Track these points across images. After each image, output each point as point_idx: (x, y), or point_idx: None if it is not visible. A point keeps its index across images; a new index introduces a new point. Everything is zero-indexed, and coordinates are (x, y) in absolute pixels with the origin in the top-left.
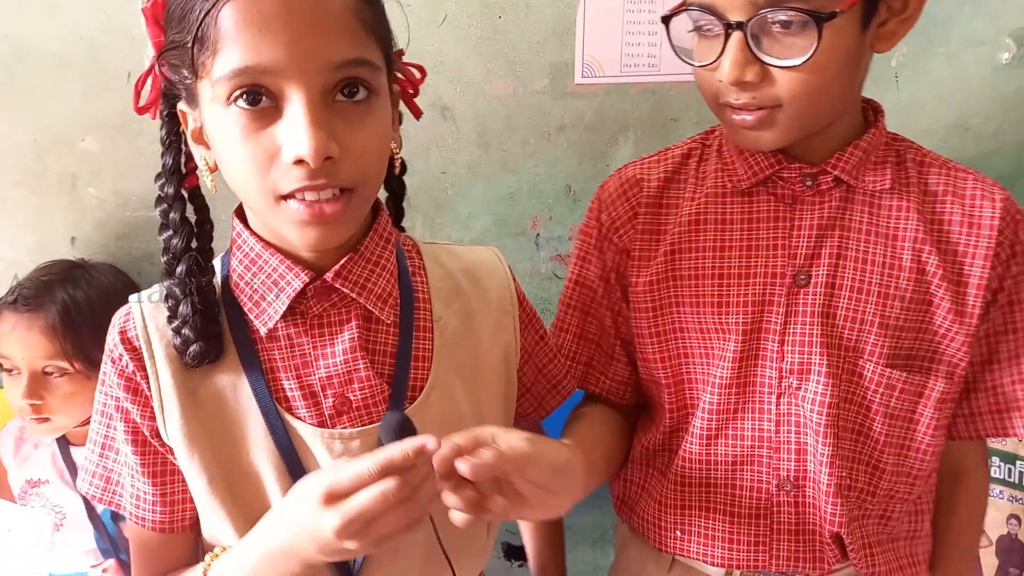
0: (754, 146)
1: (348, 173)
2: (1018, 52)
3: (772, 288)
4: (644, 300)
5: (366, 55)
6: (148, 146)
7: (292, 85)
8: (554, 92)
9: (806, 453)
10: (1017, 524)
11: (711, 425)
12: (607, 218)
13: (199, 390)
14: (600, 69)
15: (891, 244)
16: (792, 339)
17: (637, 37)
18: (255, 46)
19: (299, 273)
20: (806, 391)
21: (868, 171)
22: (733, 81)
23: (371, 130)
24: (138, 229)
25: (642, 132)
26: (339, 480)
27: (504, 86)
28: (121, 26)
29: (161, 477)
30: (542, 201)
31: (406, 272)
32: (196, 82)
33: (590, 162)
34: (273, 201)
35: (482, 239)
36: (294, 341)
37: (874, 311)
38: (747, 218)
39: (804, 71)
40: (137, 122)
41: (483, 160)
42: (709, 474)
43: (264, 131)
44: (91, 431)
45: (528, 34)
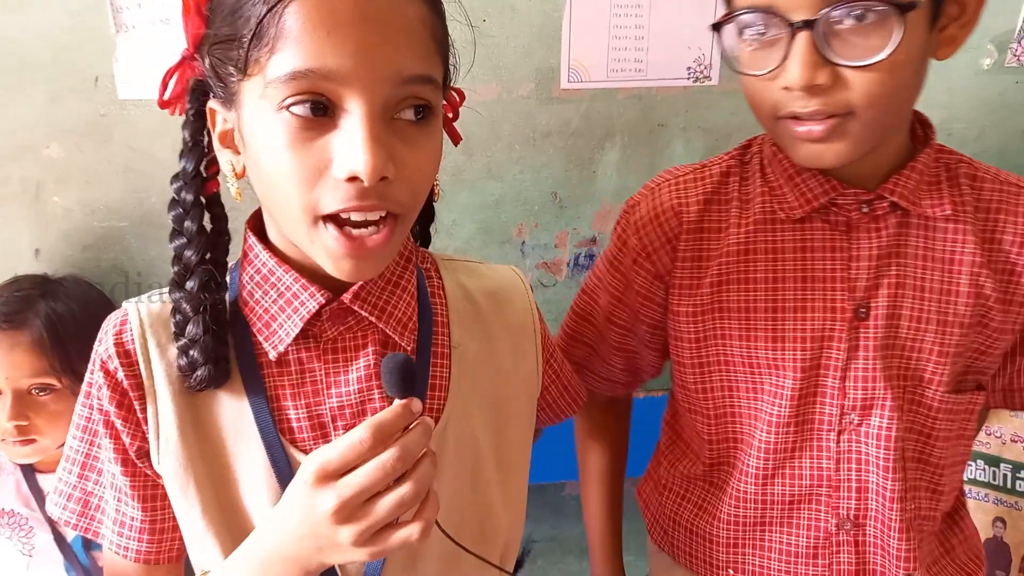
0: (817, 162)
1: (400, 196)
2: (999, 58)
3: (832, 323)
4: (687, 330)
5: (432, 72)
6: (117, 153)
7: (354, 95)
8: (539, 97)
9: (868, 491)
10: (1003, 527)
11: (767, 464)
12: (638, 243)
13: (198, 415)
14: (586, 74)
15: (948, 269)
16: (854, 375)
17: (624, 42)
18: (320, 49)
19: (315, 293)
20: (869, 427)
21: (924, 194)
22: (804, 85)
23: (427, 153)
24: (106, 240)
25: (629, 138)
26: (330, 456)
27: (489, 91)
28: (89, 27)
29: (151, 502)
30: (528, 208)
31: (425, 293)
32: (242, 80)
33: (576, 168)
34: (311, 221)
35: (467, 247)
36: (305, 367)
37: (933, 339)
38: (800, 247)
39: (881, 71)
40: (105, 128)
41: (467, 167)
42: (764, 513)
43: (315, 142)
44: (68, 448)
45: (513, 38)
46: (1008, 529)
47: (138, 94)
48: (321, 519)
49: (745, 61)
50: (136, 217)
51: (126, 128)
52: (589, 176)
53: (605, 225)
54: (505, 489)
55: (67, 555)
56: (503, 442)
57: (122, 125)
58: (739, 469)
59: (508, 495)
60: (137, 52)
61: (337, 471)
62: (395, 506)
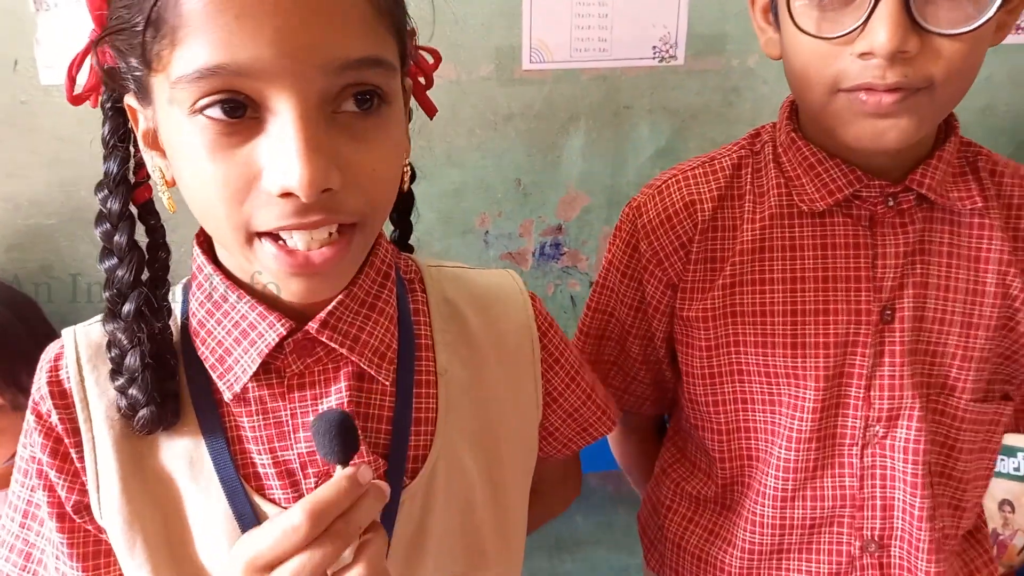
0: (879, 142)
1: (353, 206)
2: None
3: (857, 327)
4: (696, 337)
5: (379, 52)
6: (42, 143)
7: (279, 92)
8: (500, 79)
9: (894, 509)
10: None
11: (787, 485)
12: (648, 249)
13: (145, 460)
14: (549, 54)
15: (974, 268)
16: (880, 383)
17: (587, 20)
18: (228, 39)
19: (274, 323)
20: (894, 439)
21: (951, 187)
22: (893, 51)
23: (383, 149)
24: (33, 238)
25: (594, 121)
26: (260, 547)
27: (446, 72)
28: (4, 6)
29: (94, 560)
30: (490, 196)
31: (407, 313)
32: (150, 75)
33: (540, 153)
34: (244, 239)
35: (426, 239)
36: (268, 406)
37: (957, 343)
38: (821, 244)
39: (966, 43)
40: (27, 116)
41: (425, 153)
42: (783, 539)
43: (240, 149)
44: (11, 492)
45: (472, 16)
46: None
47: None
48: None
49: (811, 22)
50: (65, 213)
51: (51, 116)
52: (553, 161)
53: (570, 212)
54: (501, 531)
55: None
56: (497, 479)
57: (46, 113)
58: (755, 490)
59: (504, 538)
60: (60, 33)
61: (269, 564)
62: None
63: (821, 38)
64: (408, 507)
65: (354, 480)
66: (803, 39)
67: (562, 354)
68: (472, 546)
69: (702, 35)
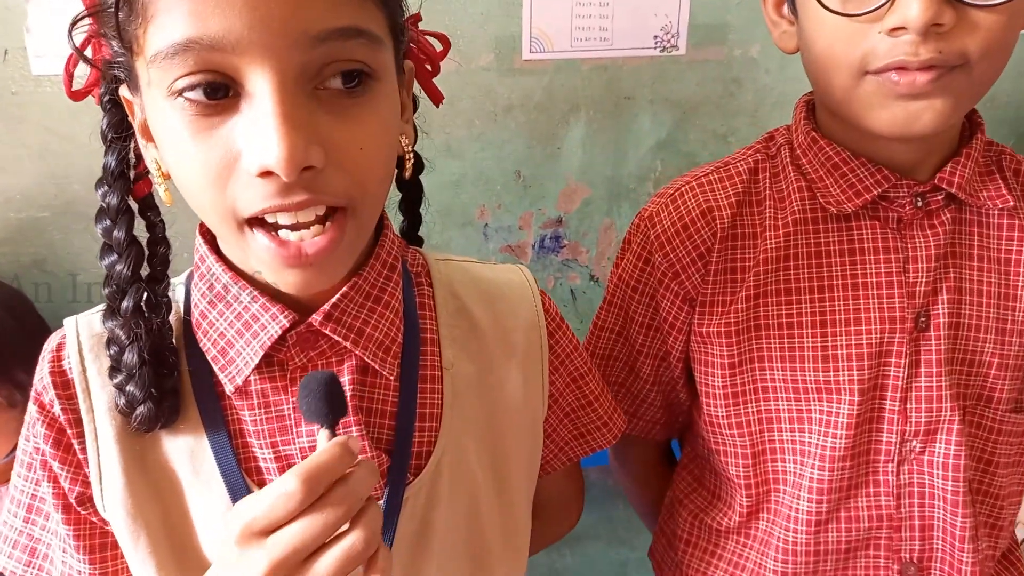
0: (910, 127)
1: (339, 186)
2: None
3: (891, 336)
4: (716, 354)
5: (362, 23)
6: (33, 135)
7: (255, 66)
8: (500, 69)
9: (933, 529)
10: None
11: (820, 508)
12: (663, 261)
13: (148, 453)
14: (549, 43)
15: (1005, 271)
16: (916, 395)
17: (588, 8)
18: (200, 11)
19: (277, 315)
20: (932, 454)
21: (980, 186)
22: (927, 23)
23: (372, 128)
24: (25, 232)
25: (595, 111)
26: (255, 511)
27: (445, 62)
28: None
29: (100, 552)
30: (490, 188)
31: (413, 307)
32: (132, 59)
33: (540, 144)
34: (235, 227)
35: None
36: (270, 400)
37: (993, 350)
38: (848, 249)
39: (1003, 15)
40: (17, 107)
41: (424, 144)
42: (817, 567)
43: (218, 130)
44: (13, 487)
45: (471, 4)
46: None
47: (54, 69)
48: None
49: (835, 1)
50: (58, 206)
51: (42, 107)
52: (554, 152)
53: (570, 205)
54: (506, 530)
55: None
56: (504, 476)
57: (37, 104)
58: (784, 516)
59: (509, 537)
60: (52, 22)
61: (265, 529)
62: (342, 561)
63: (848, 15)
64: (412, 504)
65: (345, 447)
66: (826, 21)
67: (568, 356)
68: (477, 545)
69: (704, 25)
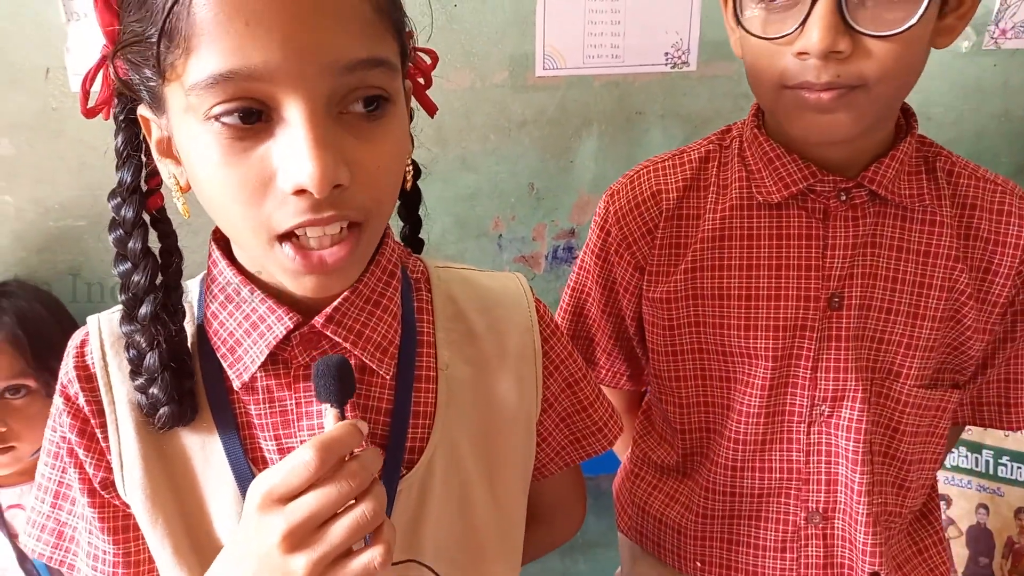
0: (818, 134)
1: (360, 202)
2: (977, 40)
3: (805, 312)
4: (660, 317)
5: (382, 53)
6: (70, 148)
7: (290, 94)
8: (514, 85)
9: (837, 483)
10: (986, 513)
11: (738, 456)
12: (618, 233)
13: (165, 445)
14: (562, 60)
15: (923, 262)
16: (826, 365)
17: (600, 27)
18: (241, 44)
19: (282, 317)
20: (838, 418)
21: (903, 184)
22: (824, 51)
23: (387, 148)
24: (62, 241)
25: (606, 126)
26: (274, 479)
27: (461, 79)
28: (32, 15)
29: (123, 533)
30: (504, 200)
31: (411, 310)
32: (163, 85)
33: (553, 158)
34: (266, 242)
35: (441, 242)
36: (274, 395)
37: (903, 331)
38: (776, 234)
39: (898, 44)
40: (56, 122)
41: (440, 158)
42: (734, 506)
43: (253, 152)
44: (40, 475)
45: (486, 24)
46: (991, 515)
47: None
48: (270, 548)
49: (758, 24)
50: (93, 216)
51: (79, 122)
52: (566, 166)
53: (583, 216)
54: (500, 525)
55: (28, 572)
56: (497, 474)
57: (75, 119)
58: (711, 460)
59: (503, 536)
60: (90, 42)
61: (284, 496)
62: (353, 528)
63: (765, 39)
64: (405, 497)
65: (355, 426)
66: (752, 40)
67: (563, 362)
68: (471, 539)
69: (714, 42)
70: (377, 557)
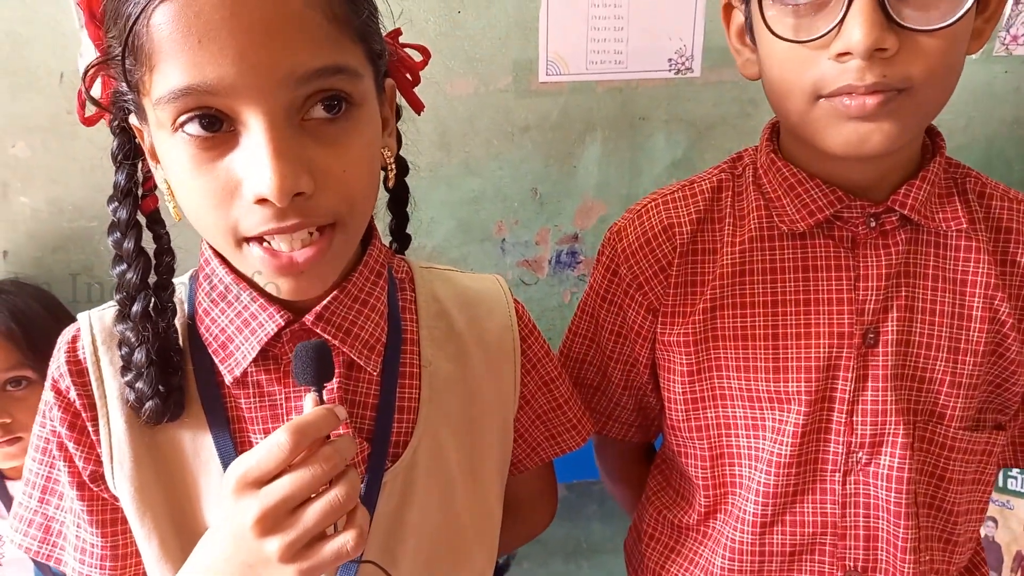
0: (860, 147)
1: (328, 206)
2: (987, 47)
3: (839, 350)
4: (677, 362)
5: (340, 60)
6: (83, 150)
7: (247, 107)
8: (517, 91)
9: (877, 539)
10: (994, 526)
11: (767, 511)
12: (628, 273)
13: (155, 438)
14: (565, 66)
15: (961, 291)
16: (863, 408)
17: (603, 32)
18: (196, 60)
19: (273, 314)
20: (878, 466)
21: (936, 207)
22: (869, 48)
23: (355, 151)
24: (75, 240)
25: (610, 131)
26: (249, 462)
27: (465, 85)
28: (47, 20)
29: (111, 527)
30: (507, 204)
31: (396, 309)
32: (140, 98)
33: (556, 163)
34: (234, 243)
35: (445, 245)
36: (264, 389)
37: (945, 368)
38: (802, 266)
39: (944, 40)
40: (70, 125)
41: (444, 162)
42: (763, 566)
43: (219, 161)
44: (27, 471)
45: (489, 29)
46: (999, 528)
47: None
48: (245, 531)
49: (786, 29)
50: (105, 216)
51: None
52: (569, 171)
53: (587, 221)
54: (479, 515)
55: (39, 564)
56: (477, 467)
57: None
58: (735, 517)
59: (481, 522)
60: None
61: (259, 479)
62: (326, 511)
63: (798, 42)
64: (390, 488)
65: (331, 411)
66: (779, 48)
67: (540, 361)
68: (452, 529)
69: (719, 48)
70: (350, 541)
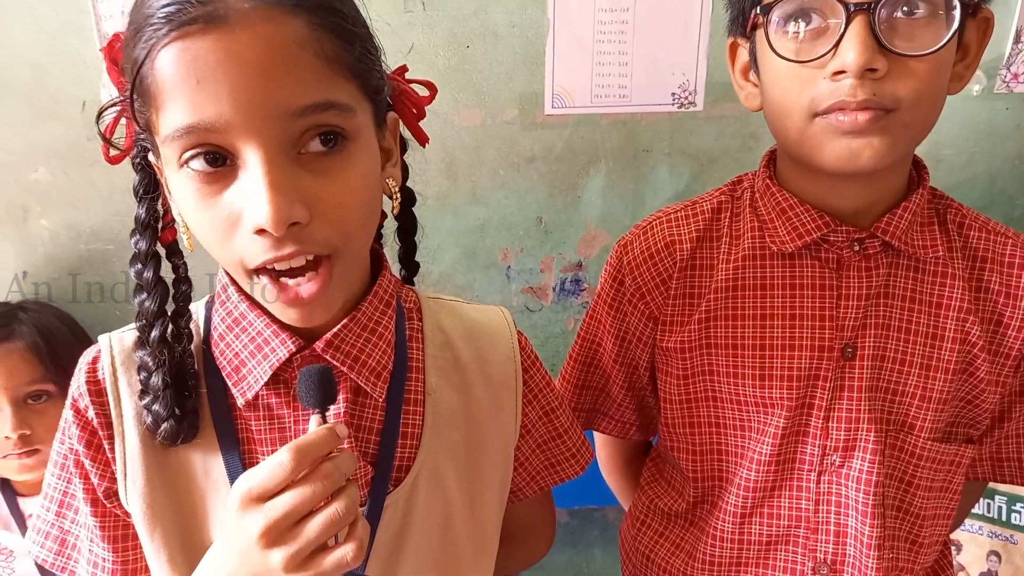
0: (852, 161)
1: (323, 237)
2: (988, 84)
3: (820, 362)
4: (674, 366)
5: (331, 96)
6: (101, 176)
7: (245, 142)
8: (523, 123)
9: (846, 536)
10: (997, 561)
11: (746, 503)
12: (632, 283)
13: (168, 458)
14: (570, 99)
15: (935, 313)
16: (838, 415)
17: (607, 67)
18: (195, 100)
19: (285, 340)
20: (850, 469)
21: (916, 235)
22: (861, 67)
23: (350, 183)
24: (92, 263)
25: (613, 163)
26: (252, 479)
27: (472, 116)
28: (69, 51)
29: (123, 543)
30: (512, 233)
31: (403, 338)
32: (152, 137)
33: (561, 193)
34: (244, 274)
35: (451, 272)
36: (274, 412)
37: (916, 383)
38: (790, 284)
39: (929, 65)
40: (89, 151)
41: (452, 191)
42: (741, 553)
43: (222, 195)
44: (46, 485)
45: (496, 64)
46: (1003, 563)
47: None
48: (250, 544)
49: (788, 52)
50: (121, 240)
51: None
52: (574, 201)
53: (590, 250)
54: (476, 542)
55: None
56: (476, 494)
57: None
58: (719, 507)
59: (479, 549)
60: None
61: (262, 495)
62: (327, 524)
63: (799, 62)
64: (391, 512)
65: (332, 430)
66: (781, 70)
67: (541, 391)
68: (450, 555)
69: (721, 83)
70: (349, 552)
